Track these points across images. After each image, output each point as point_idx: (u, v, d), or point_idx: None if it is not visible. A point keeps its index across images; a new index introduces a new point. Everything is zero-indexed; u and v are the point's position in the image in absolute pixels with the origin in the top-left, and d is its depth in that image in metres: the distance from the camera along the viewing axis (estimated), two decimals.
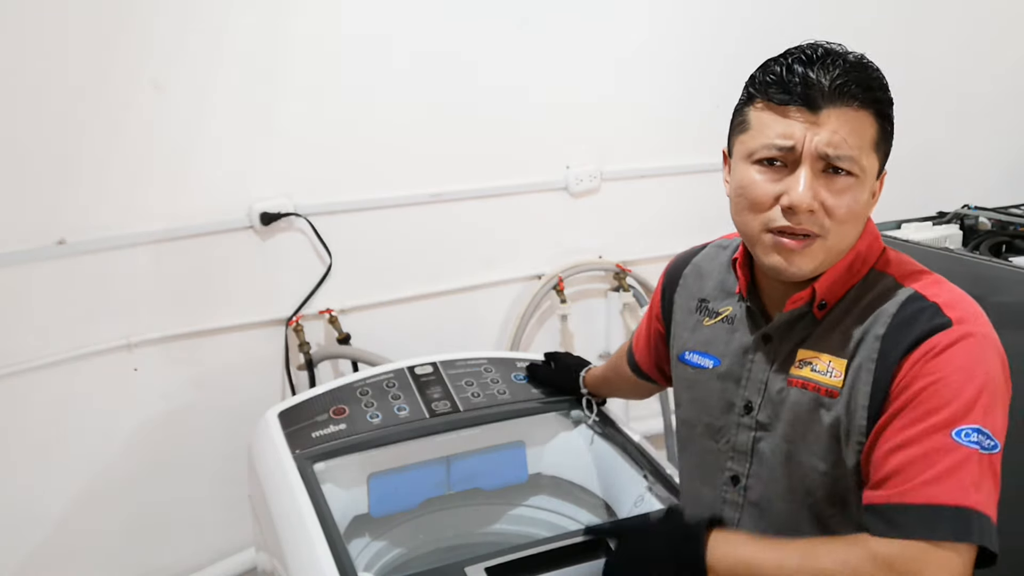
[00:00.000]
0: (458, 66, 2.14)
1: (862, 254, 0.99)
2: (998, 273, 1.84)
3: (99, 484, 1.94)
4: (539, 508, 1.69)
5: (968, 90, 2.75)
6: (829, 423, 0.95)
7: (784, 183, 0.92)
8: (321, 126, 2.04)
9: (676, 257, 1.24)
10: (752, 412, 1.03)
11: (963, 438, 0.86)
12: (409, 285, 2.22)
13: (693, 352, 1.12)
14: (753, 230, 0.97)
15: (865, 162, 0.92)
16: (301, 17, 1.96)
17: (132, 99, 1.83)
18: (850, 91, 0.90)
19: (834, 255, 0.95)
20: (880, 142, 0.94)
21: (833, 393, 0.95)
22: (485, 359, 1.74)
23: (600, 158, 2.37)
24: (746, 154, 0.96)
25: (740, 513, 1.04)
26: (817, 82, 0.90)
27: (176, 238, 1.93)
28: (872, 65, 0.94)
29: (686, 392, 1.14)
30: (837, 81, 0.90)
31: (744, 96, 0.98)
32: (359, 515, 1.54)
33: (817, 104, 0.90)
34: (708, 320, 1.12)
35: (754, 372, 1.04)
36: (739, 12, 2.42)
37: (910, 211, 2.33)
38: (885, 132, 0.95)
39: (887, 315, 0.93)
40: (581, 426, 1.64)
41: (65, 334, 1.85)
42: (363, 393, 1.62)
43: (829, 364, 0.96)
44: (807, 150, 0.91)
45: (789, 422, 0.99)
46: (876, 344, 0.92)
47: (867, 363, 0.93)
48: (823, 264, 0.95)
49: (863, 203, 0.94)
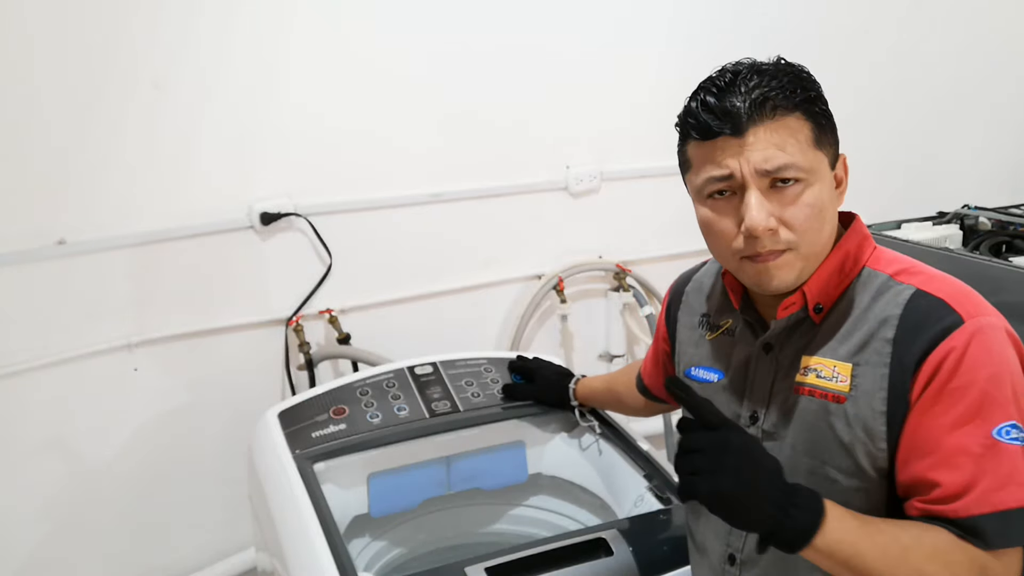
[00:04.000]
0: (458, 66, 2.14)
1: (852, 253, 0.98)
2: (998, 273, 1.84)
3: (99, 484, 1.94)
4: (539, 508, 1.69)
5: (968, 90, 2.76)
6: (840, 429, 0.94)
7: (740, 210, 0.93)
8: (321, 126, 2.04)
9: (679, 276, 1.25)
10: (758, 421, 1.02)
11: (1004, 436, 0.85)
12: (409, 285, 2.22)
13: (699, 367, 1.12)
14: (728, 260, 0.98)
15: (808, 163, 0.92)
16: (301, 17, 1.96)
17: (132, 99, 1.83)
18: (768, 103, 0.90)
19: (813, 259, 0.96)
20: (818, 136, 0.94)
21: (840, 399, 0.94)
22: (485, 359, 1.74)
23: (600, 158, 2.37)
24: (695, 192, 0.99)
25: None
26: (733, 107, 0.91)
27: (176, 238, 1.93)
28: (787, 68, 0.94)
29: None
30: (751, 97, 0.90)
31: (679, 136, 1.01)
32: (359, 515, 1.54)
33: (740, 128, 0.91)
34: (710, 334, 1.12)
35: (758, 382, 1.03)
36: (739, 12, 2.43)
37: (910, 211, 2.34)
38: (820, 125, 0.94)
39: (894, 317, 0.92)
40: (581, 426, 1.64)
41: (65, 334, 1.85)
42: (363, 393, 1.62)
43: (834, 369, 0.95)
44: (746, 173, 0.91)
45: (798, 430, 0.98)
46: (887, 348, 0.91)
47: (878, 368, 0.91)
48: (804, 270, 0.96)
49: (823, 201, 0.94)
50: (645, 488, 1.44)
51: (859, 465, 0.93)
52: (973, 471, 0.85)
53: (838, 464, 0.94)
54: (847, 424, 0.93)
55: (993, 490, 0.84)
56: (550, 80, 2.25)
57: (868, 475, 0.92)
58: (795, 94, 0.92)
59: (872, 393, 0.91)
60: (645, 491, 1.44)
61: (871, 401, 0.91)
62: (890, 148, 2.69)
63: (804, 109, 0.92)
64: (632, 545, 1.24)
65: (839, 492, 0.94)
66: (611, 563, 1.22)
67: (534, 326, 2.39)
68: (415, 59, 2.09)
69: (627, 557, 1.22)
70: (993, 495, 0.84)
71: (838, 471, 0.94)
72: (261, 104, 1.96)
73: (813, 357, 0.97)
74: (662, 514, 1.34)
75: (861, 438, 0.92)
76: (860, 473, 0.93)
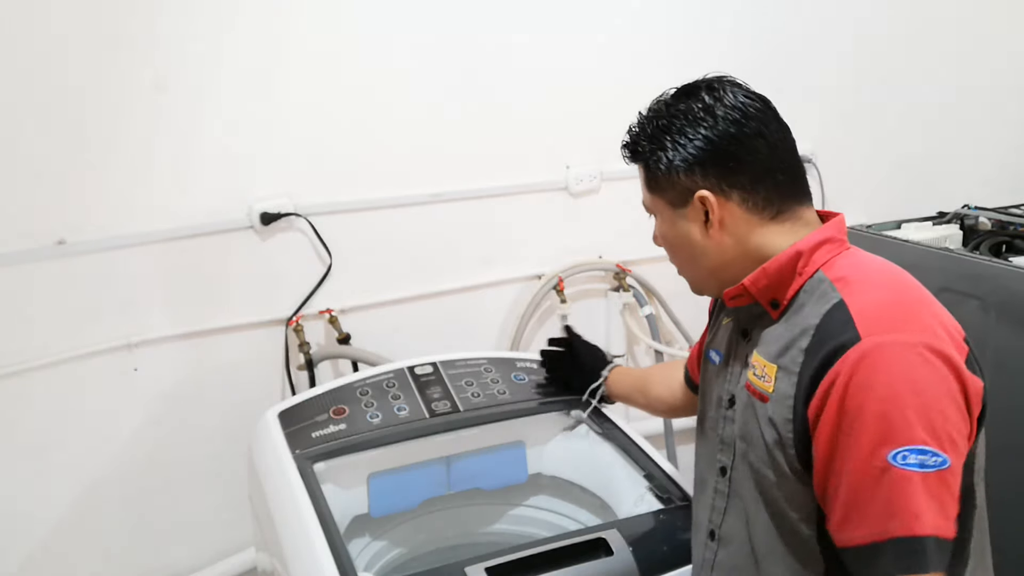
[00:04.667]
0: (458, 66, 2.14)
1: (806, 253, 0.98)
2: (998, 273, 1.84)
3: (99, 484, 1.94)
4: (539, 508, 1.69)
5: (968, 90, 2.75)
6: (763, 426, 0.97)
7: None
8: (321, 126, 2.04)
9: None
10: (734, 405, 1.06)
11: (900, 461, 0.83)
12: (409, 285, 2.22)
13: (711, 350, 1.16)
14: None
15: (649, 202, 1.10)
16: (301, 17, 1.96)
17: (132, 99, 1.83)
18: (624, 156, 1.11)
19: (704, 282, 1.09)
20: (649, 181, 1.07)
21: (764, 398, 0.97)
22: (485, 359, 1.74)
23: (600, 158, 2.36)
24: None
25: (727, 502, 1.07)
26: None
27: (176, 238, 1.93)
28: (635, 122, 1.10)
29: (703, 386, 1.18)
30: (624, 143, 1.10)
31: None
32: (359, 515, 1.54)
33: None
34: (726, 319, 1.15)
35: (733, 367, 1.08)
36: (739, 13, 2.43)
37: (910, 211, 2.34)
38: (651, 171, 1.06)
39: (811, 327, 0.93)
40: (581, 426, 1.64)
41: (65, 334, 1.85)
42: (363, 393, 1.62)
43: (764, 369, 0.99)
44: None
45: (741, 420, 1.03)
46: (800, 357, 0.93)
47: (791, 375, 0.94)
48: (703, 287, 1.10)
49: (675, 234, 1.07)
50: (645, 488, 1.44)
51: (776, 463, 0.96)
52: (864, 498, 0.85)
53: (761, 458, 0.98)
54: (768, 423, 0.97)
55: (879, 518, 0.84)
56: (550, 80, 2.25)
57: (785, 474, 0.95)
58: (628, 147, 1.10)
59: (783, 399, 0.94)
60: (645, 491, 1.44)
61: (781, 406, 0.95)
62: (890, 148, 2.69)
63: (639, 160, 1.09)
64: (632, 545, 1.24)
65: (767, 485, 0.98)
66: (611, 563, 1.22)
67: (534, 326, 2.39)
68: (415, 59, 2.09)
69: (627, 557, 1.22)
70: (877, 523, 0.84)
71: (762, 464, 0.98)
72: (261, 104, 1.96)
73: (756, 354, 1.01)
74: (662, 514, 1.34)
75: (775, 439, 0.96)
76: (779, 470, 0.96)
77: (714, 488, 1.09)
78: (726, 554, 1.07)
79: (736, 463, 1.05)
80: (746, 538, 1.04)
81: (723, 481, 1.08)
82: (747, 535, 1.04)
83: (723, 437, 1.08)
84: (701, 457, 1.16)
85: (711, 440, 1.11)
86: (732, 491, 1.06)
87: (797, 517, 0.96)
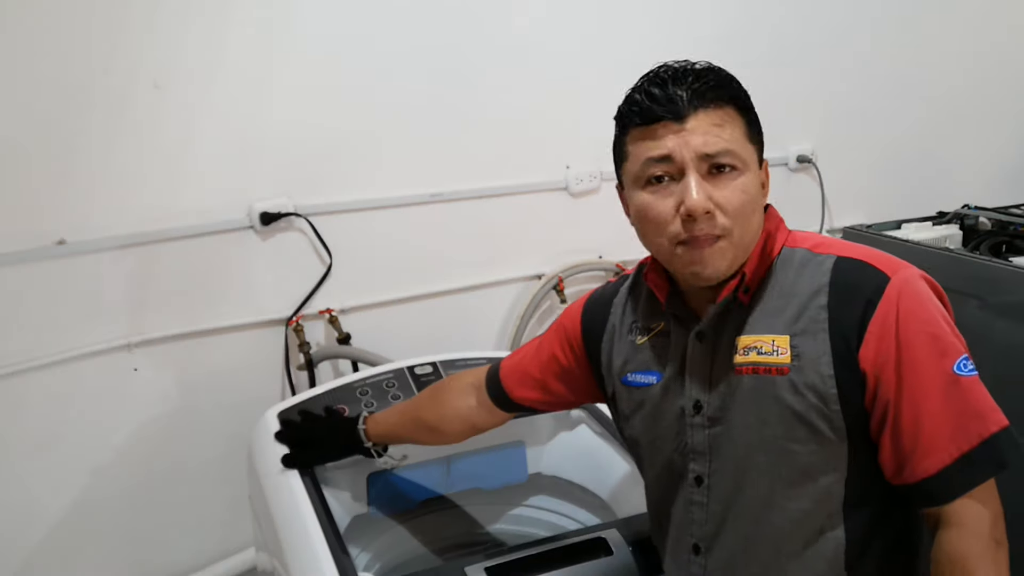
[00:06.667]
0: (458, 66, 2.14)
1: (772, 235, 1.03)
2: (998, 273, 1.84)
3: (99, 484, 1.94)
4: (539, 508, 1.69)
5: (968, 90, 2.75)
6: (789, 400, 0.97)
7: (678, 194, 0.97)
8: (322, 126, 2.03)
9: (593, 296, 1.26)
10: (702, 410, 1.04)
11: (963, 370, 0.92)
12: (409, 285, 2.22)
13: (635, 373, 1.13)
14: (663, 248, 1.01)
15: (744, 154, 0.97)
16: (300, 17, 1.96)
17: (132, 99, 1.83)
18: (708, 93, 0.96)
19: (743, 250, 0.99)
20: (750, 133, 0.99)
21: (784, 371, 0.97)
22: (485, 359, 1.74)
23: (600, 158, 2.35)
24: (633, 180, 1.02)
25: (706, 513, 1.05)
26: (676, 95, 0.96)
27: (176, 238, 1.93)
28: (721, 69, 1.00)
29: (636, 413, 1.13)
30: (694, 87, 0.96)
31: (617, 131, 1.05)
32: (359, 515, 1.54)
33: (681, 114, 0.96)
34: (641, 338, 1.13)
35: (696, 372, 1.05)
36: (739, 14, 2.43)
37: (910, 211, 2.34)
38: (751, 123, 1.00)
39: (823, 284, 0.97)
40: (581, 426, 1.64)
41: (65, 334, 1.85)
42: (363, 393, 1.62)
43: (773, 343, 0.98)
44: (686, 157, 0.96)
45: (745, 410, 1.00)
46: (823, 314, 0.96)
47: (817, 333, 0.96)
48: (735, 260, 0.99)
49: (754, 193, 0.98)
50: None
51: (816, 430, 0.96)
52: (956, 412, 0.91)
53: (793, 435, 0.97)
54: (796, 393, 0.96)
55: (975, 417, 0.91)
56: (550, 80, 2.24)
57: (827, 438, 0.96)
58: (730, 88, 0.99)
59: (816, 358, 0.95)
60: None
61: (817, 366, 0.95)
62: (890, 148, 2.69)
63: (737, 105, 0.99)
64: (632, 545, 1.24)
65: (800, 462, 0.97)
66: (611, 563, 1.22)
67: (534, 326, 2.39)
68: (415, 59, 2.09)
69: (627, 557, 1.22)
70: (978, 423, 0.91)
71: (794, 441, 0.97)
72: (261, 104, 1.96)
73: (750, 336, 1.00)
74: None
75: (814, 403, 0.95)
76: (818, 437, 0.96)
77: (688, 501, 1.06)
78: (719, 560, 1.05)
79: (716, 466, 1.03)
80: (740, 536, 1.02)
81: (700, 491, 1.05)
82: (741, 533, 1.02)
83: (694, 447, 1.05)
84: (659, 478, 1.12)
85: (674, 458, 1.07)
86: (711, 498, 1.04)
87: (832, 480, 0.97)
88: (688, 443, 1.05)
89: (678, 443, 1.07)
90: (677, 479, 1.08)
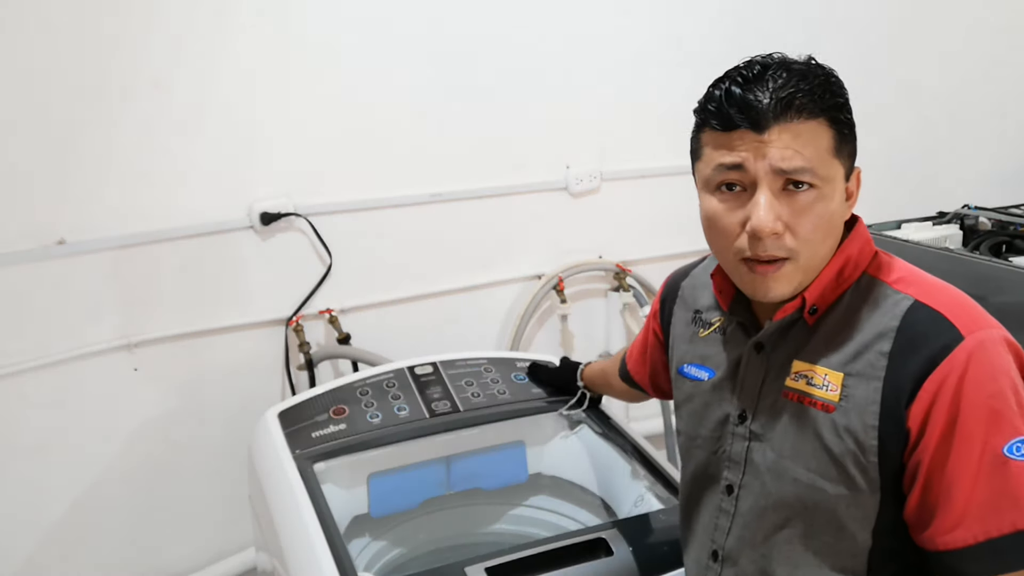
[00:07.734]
0: (458, 66, 2.14)
1: (853, 258, 0.95)
2: (998, 273, 1.84)
3: (99, 484, 1.94)
4: (539, 508, 1.69)
5: (968, 90, 2.75)
6: (828, 439, 0.92)
7: (747, 208, 0.90)
8: (321, 126, 2.04)
9: (675, 271, 1.24)
10: (746, 421, 1.01)
11: (1015, 453, 0.83)
12: (409, 285, 2.22)
13: (691, 365, 1.11)
14: (727, 259, 0.95)
15: (825, 171, 0.89)
16: (301, 17, 1.96)
17: (132, 99, 1.83)
18: (794, 104, 0.87)
19: (811, 273, 0.93)
20: (839, 146, 0.90)
21: (829, 408, 0.92)
22: (485, 359, 1.74)
23: (600, 158, 2.37)
24: (704, 183, 0.95)
25: (731, 522, 1.03)
26: (757, 102, 0.87)
27: (176, 238, 1.93)
28: (818, 70, 0.91)
29: (685, 405, 1.12)
30: (779, 95, 0.87)
31: (695, 123, 0.96)
32: (359, 515, 1.54)
33: (761, 124, 0.87)
34: (703, 331, 1.11)
35: (748, 382, 1.02)
36: (740, 14, 2.42)
37: (910, 211, 2.33)
38: (842, 135, 0.91)
39: (890, 329, 0.89)
40: (581, 426, 1.64)
41: (65, 334, 1.85)
42: (363, 393, 1.62)
43: (825, 378, 0.93)
44: (760, 170, 0.88)
45: (785, 436, 0.97)
46: (883, 361, 0.89)
47: (871, 380, 0.89)
48: (801, 284, 0.93)
49: (831, 214, 0.90)
50: (645, 488, 1.44)
51: (848, 475, 0.90)
52: (984, 493, 0.83)
53: (825, 473, 0.92)
54: (836, 434, 0.91)
55: (1008, 510, 0.82)
56: (550, 80, 2.25)
57: (858, 486, 0.90)
58: (823, 99, 0.88)
59: (864, 406, 0.89)
60: (645, 491, 1.44)
61: (862, 414, 0.89)
62: (890, 148, 2.68)
63: (829, 116, 0.89)
64: (632, 545, 1.24)
65: (828, 501, 0.92)
66: (611, 563, 1.22)
67: (534, 326, 2.39)
68: (414, 59, 2.09)
69: (627, 557, 1.22)
70: (1007, 515, 0.82)
71: (826, 480, 0.92)
72: (261, 104, 1.96)
73: (806, 363, 0.95)
74: (662, 514, 1.34)
75: (851, 449, 0.90)
76: (849, 483, 0.90)
77: (717, 507, 1.05)
78: (733, 573, 1.03)
79: (747, 480, 1.01)
80: (757, 555, 0.99)
81: (728, 500, 1.03)
82: (759, 552, 0.99)
83: (731, 455, 1.03)
84: (696, 478, 1.10)
85: (711, 460, 1.06)
86: (737, 510, 1.02)
87: (858, 527, 0.91)
88: (727, 451, 1.03)
89: (717, 447, 1.05)
90: (711, 482, 1.06)
